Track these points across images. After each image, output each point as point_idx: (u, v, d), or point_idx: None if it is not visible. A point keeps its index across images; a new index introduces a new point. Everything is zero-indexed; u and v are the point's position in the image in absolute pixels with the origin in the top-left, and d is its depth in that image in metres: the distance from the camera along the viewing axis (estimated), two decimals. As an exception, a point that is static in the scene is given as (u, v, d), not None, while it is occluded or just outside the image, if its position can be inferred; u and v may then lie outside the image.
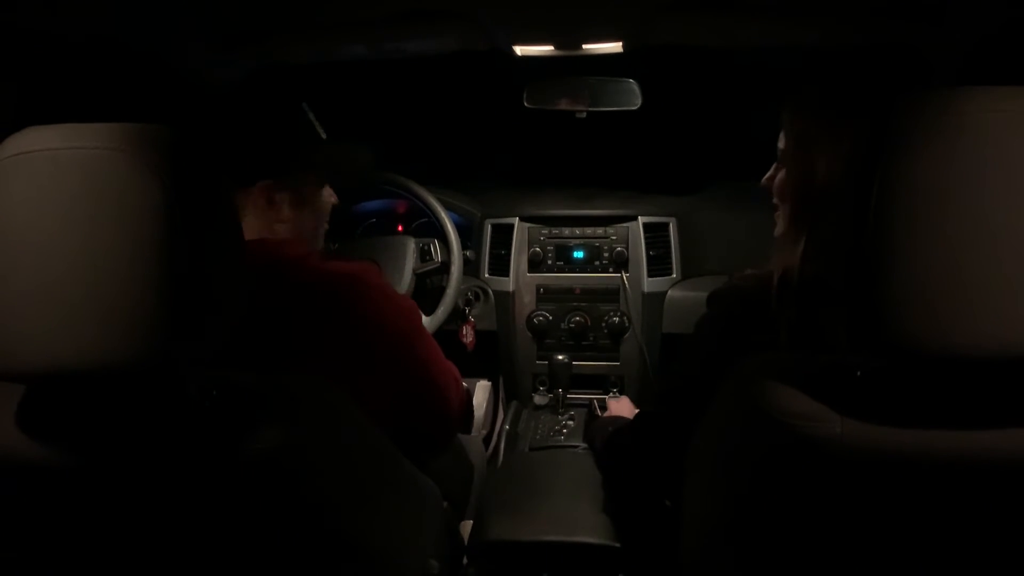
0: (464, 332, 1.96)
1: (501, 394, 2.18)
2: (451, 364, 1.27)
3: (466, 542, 1.37)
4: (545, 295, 2.03)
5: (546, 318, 2.02)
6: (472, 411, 1.92)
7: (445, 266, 1.81)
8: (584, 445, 1.63)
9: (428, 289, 1.82)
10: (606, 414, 1.65)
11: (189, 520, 0.77)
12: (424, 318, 1.53)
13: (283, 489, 0.75)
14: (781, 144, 1.08)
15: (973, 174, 0.61)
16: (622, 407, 1.65)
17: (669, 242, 2.01)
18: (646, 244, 2.00)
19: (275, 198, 1.13)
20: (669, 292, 1.98)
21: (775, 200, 1.11)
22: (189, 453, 0.72)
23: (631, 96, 1.77)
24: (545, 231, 2.04)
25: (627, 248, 2.00)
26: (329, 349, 1.03)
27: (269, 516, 0.77)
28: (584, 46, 1.42)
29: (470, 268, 1.99)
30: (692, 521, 0.94)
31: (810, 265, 0.95)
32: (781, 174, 1.09)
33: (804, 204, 1.03)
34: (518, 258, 2.03)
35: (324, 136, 1.21)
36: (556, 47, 1.44)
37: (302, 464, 0.76)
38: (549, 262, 2.03)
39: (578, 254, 2.02)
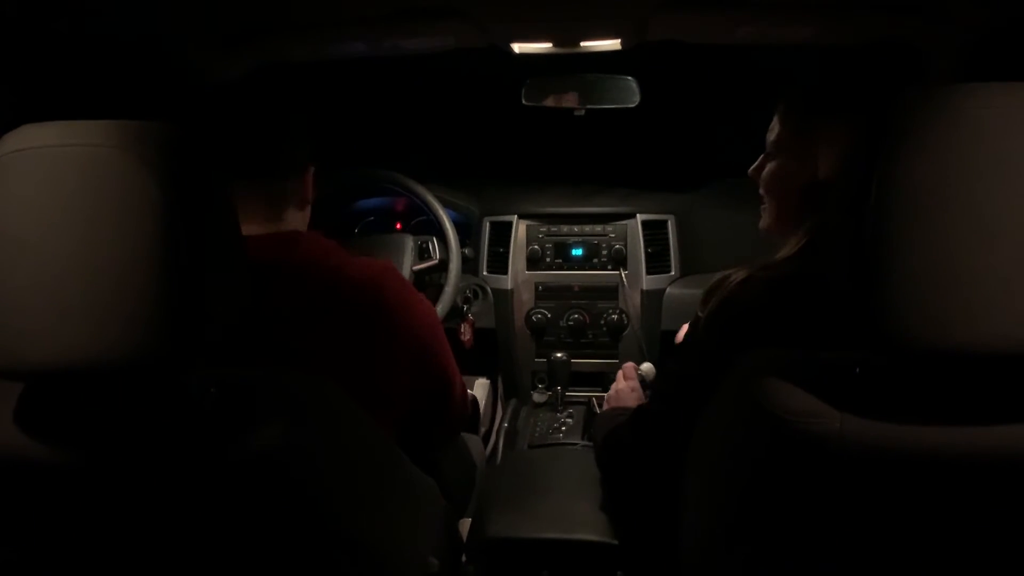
0: (462, 330, 1.96)
1: (500, 392, 2.18)
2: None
3: (465, 539, 1.37)
4: (544, 293, 2.03)
5: (545, 316, 2.02)
6: (479, 412, 1.92)
7: (443, 264, 1.81)
8: (583, 442, 1.63)
9: (427, 287, 1.82)
10: (614, 387, 1.63)
11: (188, 518, 0.77)
12: None
13: (282, 487, 0.75)
14: (771, 136, 1.07)
15: (971, 170, 0.61)
16: (628, 397, 1.62)
17: (668, 240, 2.01)
18: (645, 242, 2.00)
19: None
20: (668, 289, 1.98)
21: (761, 191, 1.10)
22: (187, 451, 0.72)
23: (629, 93, 1.77)
24: (544, 229, 2.04)
25: (626, 246, 2.00)
26: (356, 347, 1.03)
27: (268, 514, 0.77)
28: (582, 44, 1.42)
29: (469, 266, 1.99)
30: (691, 518, 0.94)
31: (805, 261, 0.95)
32: (771, 166, 1.08)
33: (795, 198, 1.03)
34: (517, 256, 2.03)
35: None
36: (554, 45, 1.43)
37: (301, 462, 0.76)
38: (548, 260, 2.03)
39: (577, 252, 2.02)
